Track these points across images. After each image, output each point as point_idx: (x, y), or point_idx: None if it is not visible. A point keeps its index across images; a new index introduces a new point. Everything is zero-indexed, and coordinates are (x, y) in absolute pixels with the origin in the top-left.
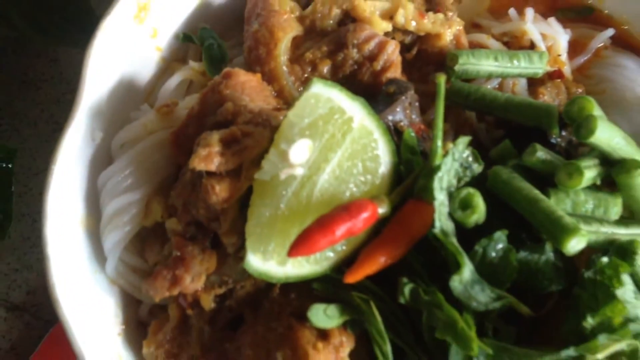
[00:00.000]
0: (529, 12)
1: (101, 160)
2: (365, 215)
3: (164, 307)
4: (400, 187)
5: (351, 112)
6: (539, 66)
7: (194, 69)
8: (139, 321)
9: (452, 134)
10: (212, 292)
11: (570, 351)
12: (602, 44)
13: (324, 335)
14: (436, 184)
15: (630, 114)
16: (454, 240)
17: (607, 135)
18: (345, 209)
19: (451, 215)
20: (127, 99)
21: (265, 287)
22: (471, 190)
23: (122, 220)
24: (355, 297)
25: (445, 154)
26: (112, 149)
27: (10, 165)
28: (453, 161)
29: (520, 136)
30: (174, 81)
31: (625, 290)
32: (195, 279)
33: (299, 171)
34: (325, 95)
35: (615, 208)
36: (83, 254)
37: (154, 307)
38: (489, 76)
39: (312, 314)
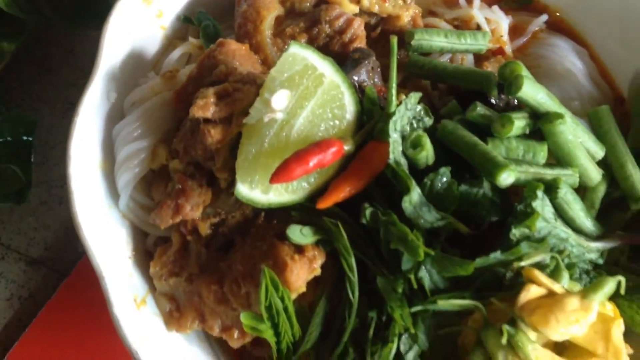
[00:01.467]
0: (476, 1)
1: (115, 116)
2: (333, 150)
3: (167, 238)
4: (362, 130)
5: (322, 69)
6: (482, 43)
7: (193, 44)
8: (145, 250)
9: None
10: (208, 221)
11: (498, 254)
12: (538, 28)
13: (300, 250)
14: (391, 126)
15: (560, 83)
16: (405, 169)
17: (532, 92)
18: (317, 145)
19: (405, 154)
20: (137, 68)
21: (252, 216)
22: (420, 132)
23: (133, 163)
24: (326, 221)
25: (399, 104)
26: (124, 106)
27: (30, 138)
28: (406, 110)
29: (466, 99)
30: (176, 54)
31: (545, 210)
32: (194, 208)
33: (279, 115)
34: (301, 55)
35: (542, 153)
36: (100, 191)
37: (158, 238)
38: (441, 51)
39: (290, 232)
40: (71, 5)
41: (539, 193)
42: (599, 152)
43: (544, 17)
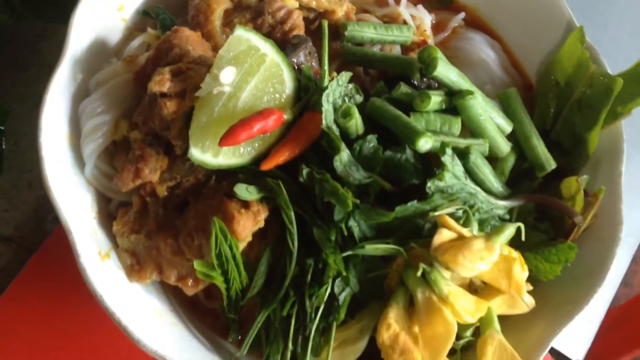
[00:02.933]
0: (403, 1)
1: (81, 94)
2: (274, 117)
3: (128, 203)
4: (300, 102)
5: (264, 49)
6: (407, 35)
7: (151, 34)
8: (108, 214)
9: None
10: (165, 184)
11: (414, 203)
12: (457, 24)
13: (246, 205)
14: (324, 98)
15: (475, 70)
16: (337, 132)
17: (446, 72)
18: (260, 113)
19: (336, 123)
20: (101, 54)
21: (204, 179)
22: (349, 104)
23: (97, 135)
24: (269, 181)
25: (332, 80)
26: (89, 86)
27: (2, 127)
28: (337, 85)
29: (393, 82)
30: (136, 42)
31: (455, 168)
32: (152, 172)
33: (226, 89)
34: (245, 37)
35: (457, 125)
36: (67, 160)
37: (120, 203)
38: (371, 42)
39: (237, 189)
40: (40, 1)
41: (448, 150)
42: (507, 127)
43: (462, 15)
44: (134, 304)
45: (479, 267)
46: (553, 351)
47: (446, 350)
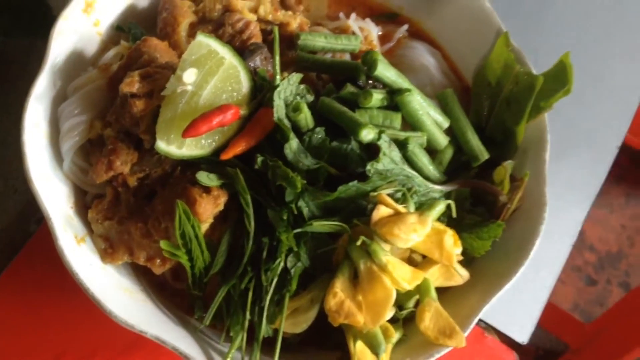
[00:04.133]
0: (352, 15)
1: (60, 98)
2: (231, 112)
3: (102, 196)
4: (256, 100)
5: (222, 53)
6: (355, 44)
7: (124, 46)
8: (84, 205)
9: None
10: (135, 176)
11: (355, 183)
12: (402, 35)
13: (207, 190)
14: (276, 95)
15: (416, 74)
16: (288, 125)
17: (385, 71)
18: (218, 108)
19: (288, 117)
20: (78, 64)
21: (170, 170)
22: (299, 100)
23: (74, 133)
24: (228, 169)
25: (283, 79)
26: (67, 91)
27: None
28: (288, 84)
29: (342, 85)
30: (110, 53)
31: (392, 154)
32: (124, 164)
33: (189, 88)
34: (205, 42)
35: (397, 120)
36: (47, 156)
37: (95, 196)
38: (323, 50)
39: (199, 176)
40: (26, 18)
41: (384, 136)
42: (444, 123)
43: (406, 27)
44: (107, 282)
45: (413, 238)
46: (502, 336)
47: (386, 313)
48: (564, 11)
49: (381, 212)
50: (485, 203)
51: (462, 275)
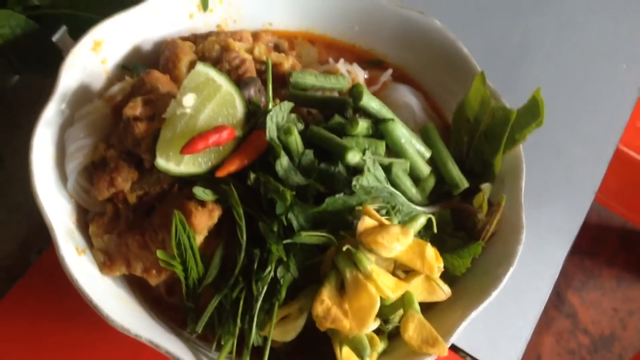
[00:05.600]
0: (340, 60)
1: (67, 124)
2: (226, 132)
3: (103, 214)
4: (249, 123)
5: (220, 81)
6: (343, 83)
7: (129, 81)
8: (86, 222)
9: None
10: (135, 193)
11: (342, 195)
12: (387, 79)
13: (202, 204)
14: (268, 119)
15: (400, 112)
16: (278, 143)
17: (370, 102)
18: (215, 129)
19: (279, 139)
20: (85, 96)
21: (168, 188)
22: (290, 124)
23: (78, 154)
24: (223, 186)
25: (275, 106)
26: (74, 119)
27: None
28: (280, 110)
29: (330, 118)
30: (116, 87)
31: (377, 173)
32: (124, 181)
33: (188, 111)
34: (204, 71)
35: (382, 147)
36: (52, 176)
37: (96, 214)
38: (313, 87)
39: (196, 190)
40: (34, 57)
41: (368, 153)
42: (426, 153)
43: (390, 71)
44: (105, 290)
45: (396, 247)
46: None
47: (370, 319)
48: (542, 59)
49: (366, 222)
50: (465, 229)
51: (444, 290)
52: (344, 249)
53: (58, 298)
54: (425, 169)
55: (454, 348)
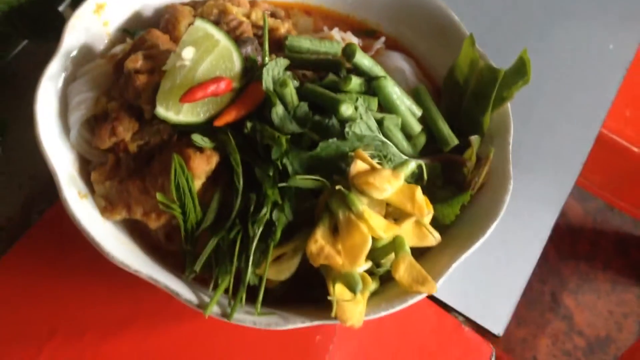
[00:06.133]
0: (335, 29)
1: (70, 80)
2: (224, 82)
3: (104, 163)
4: (246, 76)
5: (218, 37)
6: (337, 48)
7: (129, 42)
8: (87, 173)
9: None
10: (135, 143)
11: (334, 140)
12: (380, 46)
13: (200, 150)
14: (265, 71)
15: (393, 75)
16: (274, 92)
17: (362, 59)
18: (213, 79)
19: (275, 91)
20: (87, 56)
21: (167, 139)
22: (286, 76)
23: (81, 107)
24: (220, 134)
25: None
26: (77, 75)
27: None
28: (276, 65)
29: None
30: (117, 48)
31: (369, 122)
32: (126, 131)
33: (187, 63)
34: (202, 27)
35: (374, 103)
36: (55, 127)
37: (98, 164)
38: (308, 51)
39: (194, 136)
40: (38, 22)
41: (360, 101)
42: (417, 111)
43: (383, 39)
44: (106, 231)
45: (387, 189)
46: (478, 327)
47: (362, 256)
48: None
49: (358, 166)
50: (455, 183)
51: (434, 236)
52: (337, 189)
53: (55, 255)
54: (416, 126)
55: (446, 307)
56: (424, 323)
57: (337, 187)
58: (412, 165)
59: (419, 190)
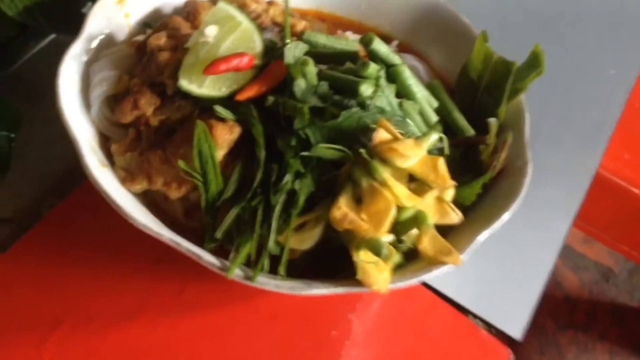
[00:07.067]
0: (349, 32)
1: (92, 60)
2: (247, 57)
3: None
4: (268, 55)
5: (240, 18)
6: (352, 45)
7: (149, 32)
8: (107, 148)
9: None
10: (157, 117)
11: (357, 109)
12: (393, 49)
13: (223, 120)
14: (286, 50)
15: None
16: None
17: (380, 46)
18: (236, 53)
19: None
20: (109, 43)
21: (189, 114)
22: (307, 57)
23: (102, 84)
24: (242, 106)
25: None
26: (99, 57)
27: (13, 135)
28: (295, 47)
29: None
30: (138, 38)
31: (390, 97)
32: (147, 105)
33: (210, 39)
34: (225, 8)
35: (392, 88)
36: (77, 102)
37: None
38: (324, 47)
39: (216, 107)
40: (59, 15)
41: (382, 73)
42: (433, 102)
43: (396, 42)
44: (127, 197)
45: (410, 155)
46: (497, 331)
47: (386, 221)
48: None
49: (381, 134)
50: (472, 171)
51: (456, 212)
52: (360, 157)
53: (64, 246)
54: (433, 116)
55: (463, 310)
56: (440, 324)
57: (361, 150)
58: (434, 137)
59: (441, 161)
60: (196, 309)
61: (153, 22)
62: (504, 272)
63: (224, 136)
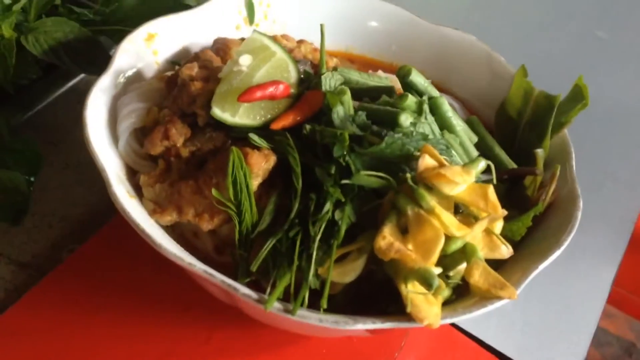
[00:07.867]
0: (379, 71)
1: (121, 94)
2: (282, 86)
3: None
4: (304, 85)
5: (274, 49)
6: (386, 82)
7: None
8: (135, 181)
9: None
10: (188, 148)
11: (400, 135)
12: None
13: (258, 148)
14: (323, 79)
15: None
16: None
17: (417, 78)
18: (272, 81)
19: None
20: (137, 78)
21: (221, 145)
22: (344, 87)
23: (131, 116)
24: (277, 135)
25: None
26: (128, 90)
27: (32, 179)
28: (332, 76)
29: None
30: (167, 74)
31: (433, 126)
32: (178, 135)
33: (244, 69)
34: (259, 38)
35: (433, 119)
36: (104, 135)
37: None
38: (357, 84)
39: (251, 135)
40: (83, 56)
41: (425, 98)
42: (473, 137)
43: (429, 81)
44: (156, 228)
45: (459, 182)
46: None
47: (436, 250)
48: None
49: (426, 161)
50: (518, 206)
51: (506, 246)
52: (405, 184)
53: (90, 292)
54: (473, 151)
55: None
56: None
57: (407, 176)
58: (482, 164)
59: (491, 189)
60: (224, 357)
61: (181, 61)
62: (548, 322)
63: (260, 164)
